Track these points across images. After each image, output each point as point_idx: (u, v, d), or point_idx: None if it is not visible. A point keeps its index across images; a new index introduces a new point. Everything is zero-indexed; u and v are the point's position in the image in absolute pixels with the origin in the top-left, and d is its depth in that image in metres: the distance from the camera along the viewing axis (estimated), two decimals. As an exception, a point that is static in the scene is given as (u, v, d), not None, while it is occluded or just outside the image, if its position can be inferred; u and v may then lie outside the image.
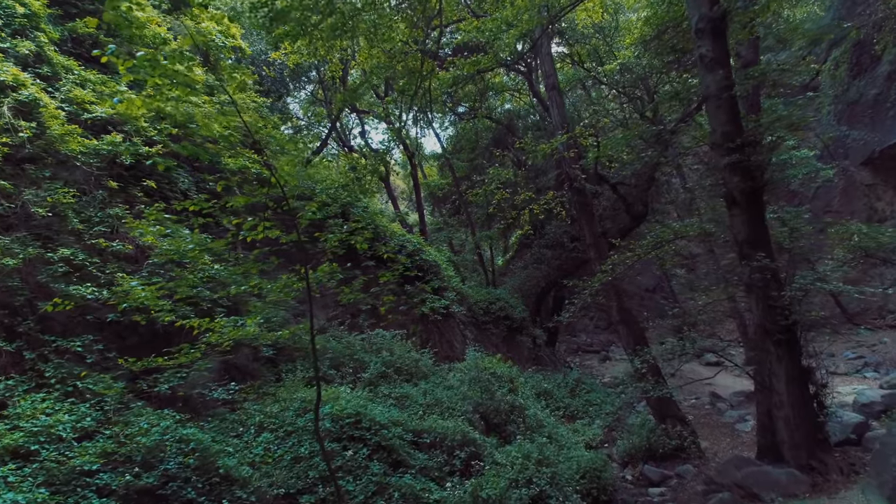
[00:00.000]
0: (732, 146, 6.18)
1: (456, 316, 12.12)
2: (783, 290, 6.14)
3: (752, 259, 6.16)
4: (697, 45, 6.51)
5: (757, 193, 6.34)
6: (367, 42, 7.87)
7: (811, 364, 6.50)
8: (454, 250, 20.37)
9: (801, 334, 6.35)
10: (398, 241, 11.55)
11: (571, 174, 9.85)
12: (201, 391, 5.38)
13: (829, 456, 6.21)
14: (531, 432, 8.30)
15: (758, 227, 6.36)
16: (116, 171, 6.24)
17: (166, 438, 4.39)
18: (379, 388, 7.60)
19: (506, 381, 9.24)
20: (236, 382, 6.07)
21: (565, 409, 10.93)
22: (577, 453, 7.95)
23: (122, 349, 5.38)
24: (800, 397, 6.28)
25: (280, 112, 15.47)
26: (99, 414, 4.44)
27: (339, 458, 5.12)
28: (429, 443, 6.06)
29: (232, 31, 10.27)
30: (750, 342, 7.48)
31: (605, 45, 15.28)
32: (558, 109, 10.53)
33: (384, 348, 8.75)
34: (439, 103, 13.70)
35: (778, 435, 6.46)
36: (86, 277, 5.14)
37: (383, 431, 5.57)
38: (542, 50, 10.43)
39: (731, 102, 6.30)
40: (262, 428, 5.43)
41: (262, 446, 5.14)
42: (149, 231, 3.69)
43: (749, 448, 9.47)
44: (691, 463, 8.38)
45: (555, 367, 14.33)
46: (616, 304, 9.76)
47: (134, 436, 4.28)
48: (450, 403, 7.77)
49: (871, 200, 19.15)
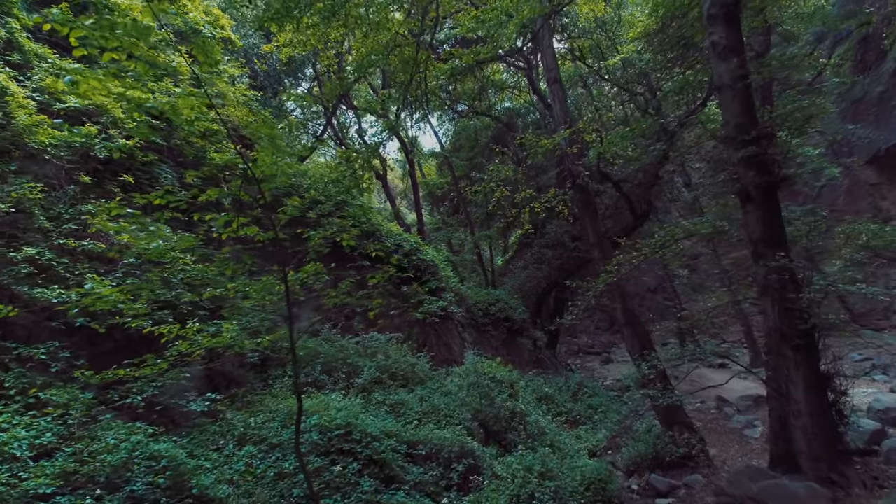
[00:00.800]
0: (747, 138, 5.82)
1: (454, 317, 11.74)
2: (801, 291, 5.77)
3: (768, 258, 5.79)
4: (709, 31, 6.14)
5: (772, 189, 5.97)
6: (361, 32, 7.50)
7: (830, 370, 6.14)
8: (453, 250, 20.01)
9: (820, 339, 5.99)
10: (394, 240, 11.18)
11: (574, 170, 9.47)
12: (178, 401, 4.99)
13: (851, 468, 5.85)
14: (532, 440, 7.93)
15: (773, 225, 6.00)
16: (91, 166, 5.85)
17: (135, 455, 4.01)
18: (373, 395, 7.23)
19: (506, 386, 8.87)
20: (219, 391, 5.70)
21: (567, 415, 10.56)
22: (581, 463, 7.58)
23: (95, 356, 5.00)
24: (818, 406, 5.92)
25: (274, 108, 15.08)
26: (61, 429, 4.05)
27: (326, 473, 4.74)
28: (424, 455, 5.69)
29: (221, 21, 9.89)
30: (764, 346, 7.12)
31: (607, 39, 14.94)
32: (560, 104, 10.15)
33: (379, 352, 8.38)
34: (436, 98, 13.35)
35: (795, 445, 6.09)
36: (53, 279, 4.75)
37: (375, 444, 5.19)
38: (544, 42, 10.05)
39: (746, 92, 5.94)
40: (244, 440, 5.05)
41: (243, 461, 4.76)
42: (108, 227, 3.33)
43: (759, 455, 9.10)
44: (700, 472, 8.00)
45: (556, 369, 13.97)
46: (621, 306, 9.38)
47: (99, 453, 3.90)
48: (447, 411, 7.40)
49: (876, 199, 18.86)
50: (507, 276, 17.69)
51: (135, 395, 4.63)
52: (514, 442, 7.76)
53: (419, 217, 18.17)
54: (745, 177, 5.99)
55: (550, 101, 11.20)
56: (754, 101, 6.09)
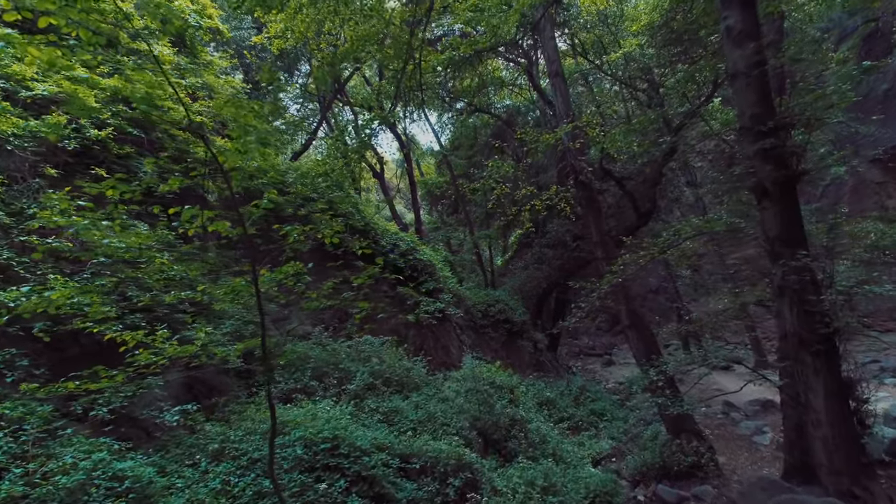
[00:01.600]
0: (764, 130, 5.44)
1: (452, 319, 11.35)
2: (822, 293, 5.39)
3: (786, 258, 5.41)
4: (723, 15, 5.76)
5: (791, 183, 5.58)
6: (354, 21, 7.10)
7: (852, 376, 5.76)
8: (452, 250, 19.62)
9: (842, 344, 5.61)
10: (390, 239, 10.78)
11: (577, 166, 9.08)
12: (150, 412, 4.59)
13: (875, 482, 5.47)
14: (534, 449, 7.55)
15: (792, 222, 5.61)
16: (61, 158, 5.45)
17: (96, 475, 3.61)
18: (365, 402, 6.84)
19: (506, 392, 8.49)
20: (199, 400, 5.29)
21: (569, 421, 10.18)
22: (585, 473, 7.20)
23: (59, 364, 4.60)
24: (840, 415, 5.53)
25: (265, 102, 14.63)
26: (14, 446, 3.65)
27: (310, 492, 4.35)
28: (418, 469, 5.29)
29: (209, 11, 9.48)
30: (777, 350, 6.72)
31: (609, 34, 14.57)
32: (562, 98, 9.77)
33: (373, 356, 7.98)
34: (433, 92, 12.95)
35: (814, 457, 5.70)
36: (11, 279, 4.35)
37: (364, 459, 4.79)
38: (545, 34, 9.67)
39: (762, 81, 5.55)
40: (222, 455, 4.65)
41: (220, 478, 4.36)
42: (52, 221, 2.93)
43: (770, 464, 8.72)
44: (710, 483, 7.62)
45: (557, 372, 13.58)
46: (625, 308, 9.00)
47: (53, 474, 3.50)
48: (444, 419, 7.01)
49: (882, 198, 18.57)
50: (506, 276, 17.31)
51: (100, 407, 4.23)
52: (514, 451, 7.38)
53: (417, 216, 17.77)
54: (761, 171, 5.60)
55: (552, 94, 10.83)
56: (771, 90, 5.71)
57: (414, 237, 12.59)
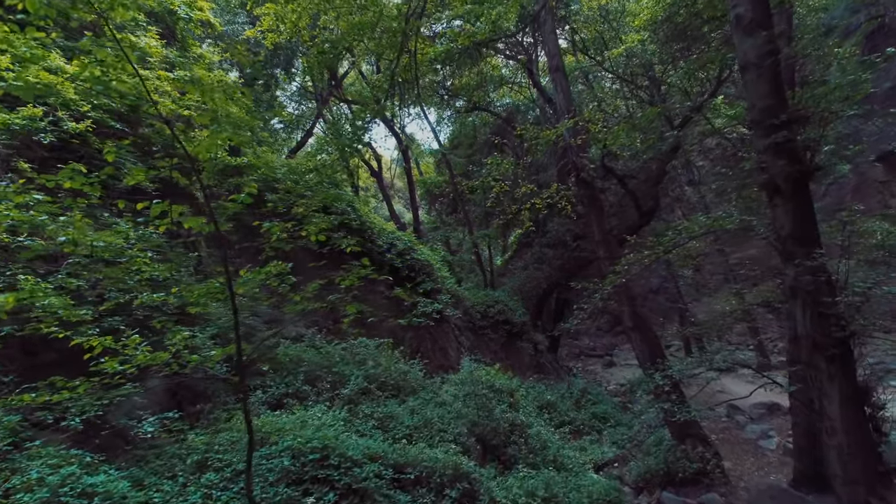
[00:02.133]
0: (776, 123, 5.18)
1: (450, 320, 11.09)
2: (837, 295, 5.13)
3: (800, 257, 5.16)
4: (733, 4, 5.50)
5: (804, 179, 5.32)
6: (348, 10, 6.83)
7: (868, 381, 5.51)
8: (451, 250, 19.36)
9: (857, 347, 5.35)
10: (387, 238, 10.51)
11: (578, 164, 8.82)
12: (127, 421, 4.32)
13: (892, 492, 5.21)
14: (534, 455, 7.29)
15: (805, 220, 5.35)
16: (37, 153, 5.18)
17: (63, 492, 3.34)
18: (360, 407, 6.57)
19: (505, 395, 8.22)
20: (182, 407, 5.03)
21: (570, 425, 9.92)
22: (587, 481, 6.94)
23: (31, 369, 4.33)
24: (855, 422, 5.28)
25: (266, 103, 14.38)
26: (-25, 460, 3.39)
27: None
28: (413, 479, 5.03)
29: (199, 3, 9.20)
30: (787, 354, 6.48)
31: (610, 29, 14.31)
32: (563, 94, 9.50)
33: (368, 359, 7.72)
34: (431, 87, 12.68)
35: (829, 466, 5.45)
36: (-22, 280, 4.08)
37: (355, 470, 4.53)
38: (546, 27, 9.41)
39: (774, 71, 5.29)
40: (205, 466, 4.38)
41: (201, 491, 4.09)
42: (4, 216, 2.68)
43: (777, 469, 8.47)
44: (716, 490, 7.36)
45: (557, 374, 13.32)
46: (628, 309, 8.74)
47: (17, 491, 3.23)
48: (441, 424, 6.75)
49: (886, 197, 18.33)
50: (506, 276, 17.05)
51: (73, 417, 3.96)
52: (514, 457, 7.12)
53: (415, 215, 17.51)
54: (773, 166, 5.34)
55: (553, 91, 10.56)
56: (783, 81, 5.46)
57: (412, 236, 12.34)
